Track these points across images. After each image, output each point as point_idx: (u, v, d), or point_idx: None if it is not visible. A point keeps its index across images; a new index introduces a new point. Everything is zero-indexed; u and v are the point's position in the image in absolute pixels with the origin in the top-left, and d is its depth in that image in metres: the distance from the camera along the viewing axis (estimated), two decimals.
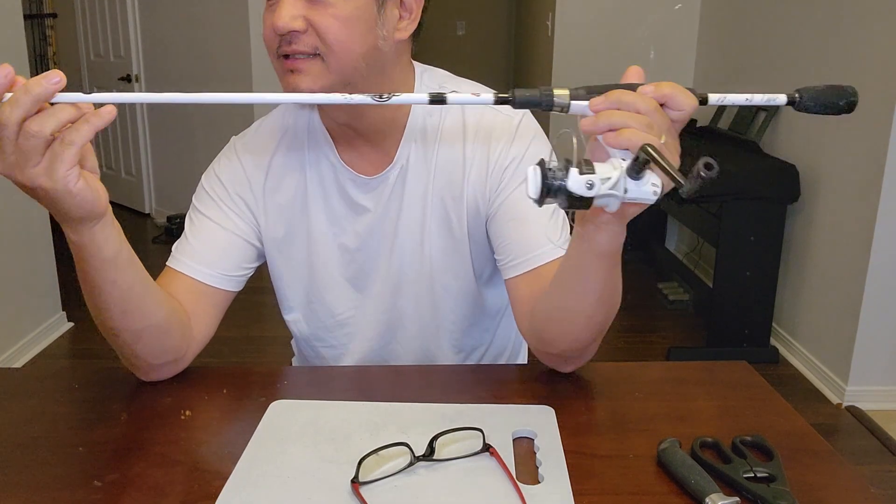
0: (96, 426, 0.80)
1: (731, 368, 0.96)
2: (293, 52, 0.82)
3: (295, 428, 0.78)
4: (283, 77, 0.84)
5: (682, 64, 3.88)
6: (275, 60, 0.84)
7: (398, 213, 0.96)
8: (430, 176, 0.94)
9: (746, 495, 0.67)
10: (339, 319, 1.03)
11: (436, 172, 0.94)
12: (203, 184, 1.00)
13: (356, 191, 0.96)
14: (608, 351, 2.96)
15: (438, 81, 0.96)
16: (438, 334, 1.03)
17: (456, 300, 1.00)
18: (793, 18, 2.90)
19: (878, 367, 2.48)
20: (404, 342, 1.03)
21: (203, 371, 0.94)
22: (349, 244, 0.99)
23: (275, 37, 0.82)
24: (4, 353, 2.64)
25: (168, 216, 4.44)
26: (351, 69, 0.84)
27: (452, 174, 0.94)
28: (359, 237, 0.98)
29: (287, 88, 0.84)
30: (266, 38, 0.84)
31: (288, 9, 0.80)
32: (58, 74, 0.61)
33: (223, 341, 2.90)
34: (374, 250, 0.98)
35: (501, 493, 0.67)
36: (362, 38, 0.83)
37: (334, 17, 0.80)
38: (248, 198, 0.98)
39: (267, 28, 0.83)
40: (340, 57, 0.82)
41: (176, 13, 4.24)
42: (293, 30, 0.80)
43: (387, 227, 0.97)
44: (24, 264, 2.78)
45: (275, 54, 0.84)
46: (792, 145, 2.90)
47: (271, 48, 0.84)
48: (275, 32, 0.81)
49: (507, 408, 0.82)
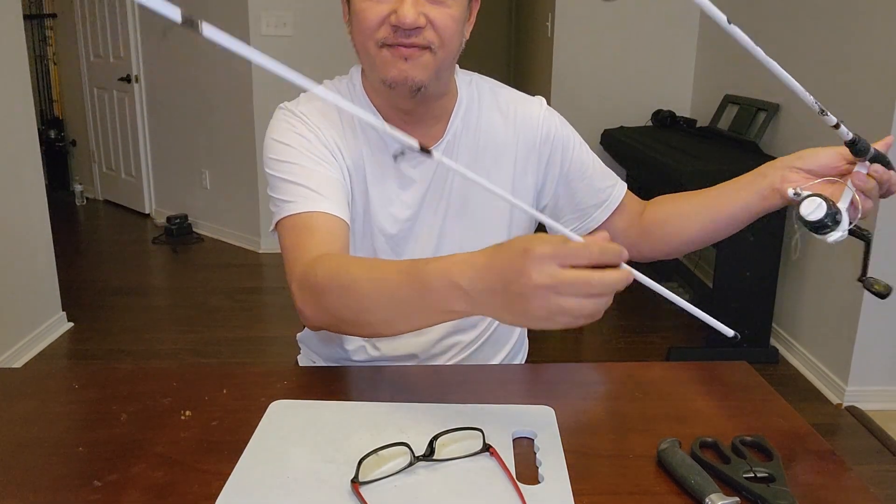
0: (96, 426, 0.80)
1: (731, 368, 0.96)
2: (410, 45, 0.90)
3: (295, 428, 0.78)
4: (392, 64, 0.91)
5: (682, 64, 3.89)
6: (373, 46, 0.91)
7: (442, 185, 1.03)
8: (475, 149, 1.04)
9: (746, 495, 0.67)
10: None
11: (479, 147, 1.04)
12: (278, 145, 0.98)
13: (406, 164, 1.02)
14: (608, 351, 2.96)
15: (489, 86, 1.08)
16: None
17: None
18: (793, 19, 2.90)
19: (878, 367, 2.48)
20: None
21: (203, 371, 0.94)
22: (399, 214, 1.03)
23: (380, 26, 0.89)
24: (4, 353, 2.64)
25: (168, 216, 4.44)
26: (447, 64, 0.95)
27: (495, 149, 1.05)
28: (408, 207, 1.03)
29: (396, 76, 0.91)
30: (369, 25, 0.90)
31: (415, 6, 0.88)
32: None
33: (223, 341, 2.92)
34: (421, 219, 1.04)
35: (501, 493, 0.67)
36: (460, 37, 0.95)
37: (450, 17, 0.90)
38: (332, 148, 0.99)
39: (373, 17, 0.89)
40: (447, 53, 0.93)
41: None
42: (419, 25, 0.88)
43: (433, 198, 1.03)
44: (24, 264, 2.78)
45: (376, 41, 0.91)
46: (792, 145, 2.90)
47: (372, 35, 0.90)
48: (388, 23, 0.88)
49: (507, 408, 0.82)
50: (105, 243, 4.40)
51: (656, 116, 3.79)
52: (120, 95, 4.73)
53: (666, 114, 3.71)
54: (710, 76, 3.71)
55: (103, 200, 5.28)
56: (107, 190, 5.22)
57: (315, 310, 0.84)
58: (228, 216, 4.33)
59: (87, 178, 5.34)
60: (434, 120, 1.03)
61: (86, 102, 5.10)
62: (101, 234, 4.69)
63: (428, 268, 0.71)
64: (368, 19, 0.90)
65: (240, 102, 4.00)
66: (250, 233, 4.22)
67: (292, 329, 1.22)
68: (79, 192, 5.22)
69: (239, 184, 4.17)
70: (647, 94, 3.89)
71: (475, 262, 0.68)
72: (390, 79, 0.92)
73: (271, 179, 0.97)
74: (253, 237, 4.21)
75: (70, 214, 4.98)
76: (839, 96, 2.58)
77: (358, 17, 0.91)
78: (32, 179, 2.84)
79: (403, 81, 0.91)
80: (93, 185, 5.31)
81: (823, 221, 0.75)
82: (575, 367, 0.99)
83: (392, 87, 0.93)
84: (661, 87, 3.92)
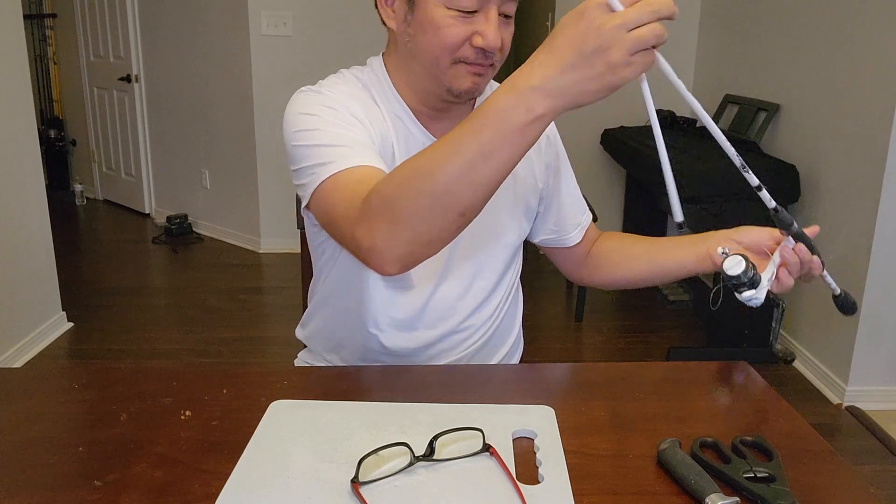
0: (96, 426, 0.80)
1: (731, 368, 0.96)
2: (487, 62, 0.94)
3: (295, 428, 0.78)
4: (466, 78, 0.95)
5: (683, 64, 3.88)
6: (448, 61, 0.94)
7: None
8: None
9: (746, 495, 0.67)
10: None
11: None
12: (304, 117, 0.95)
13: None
14: (608, 351, 2.96)
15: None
16: (472, 289, 1.09)
17: (495, 262, 1.11)
18: (793, 19, 2.90)
19: (878, 367, 2.48)
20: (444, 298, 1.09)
21: (203, 371, 0.94)
22: None
23: (461, 45, 0.92)
24: (4, 353, 2.64)
25: (168, 216, 4.44)
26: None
27: None
28: None
29: (469, 88, 0.96)
30: (451, 43, 0.93)
31: (499, 31, 0.93)
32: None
33: (223, 341, 2.92)
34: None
35: (501, 493, 0.67)
36: None
37: (511, 35, 0.96)
38: (360, 118, 0.97)
39: (456, 36, 0.92)
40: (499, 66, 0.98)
41: (176, 13, 4.24)
42: (499, 48, 0.94)
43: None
44: (24, 264, 2.78)
45: (453, 58, 0.94)
46: (792, 145, 2.90)
47: (451, 52, 0.93)
48: (469, 43, 0.92)
49: (507, 408, 0.82)
50: (105, 243, 4.40)
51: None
52: (120, 95, 4.73)
53: (666, 114, 3.71)
54: (710, 76, 3.71)
55: (103, 200, 5.28)
56: (107, 190, 5.22)
57: (390, 228, 0.76)
58: (228, 216, 4.33)
59: (87, 177, 5.33)
60: (463, 114, 1.03)
61: (86, 102, 5.10)
62: (101, 233, 4.69)
63: (490, 99, 0.70)
64: (451, 36, 0.92)
65: (240, 102, 4.00)
66: (250, 233, 4.22)
67: (292, 329, 1.22)
68: (79, 192, 5.22)
69: (239, 184, 4.17)
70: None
71: (534, 59, 0.69)
72: (461, 90, 0.96)
73: (299, 151, 0.93)
74: (253, 237, 4.21)
75: (70, 214, 4.98)
76: (839, 96, 2.58)
77: (437, 33, 0.92)
78: (32, 179, 2.84)
79: (471, 94, 0.97)
80: (93, 185, 5.31)
81: (740, 279, 0.81)
82: (575, 367, 0.99)
83: (458, 96, 0.97)
84: (661, 87, 3.90)
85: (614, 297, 3.49)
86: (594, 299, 3.37)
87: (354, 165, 0.88)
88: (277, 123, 3.43)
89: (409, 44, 0.96)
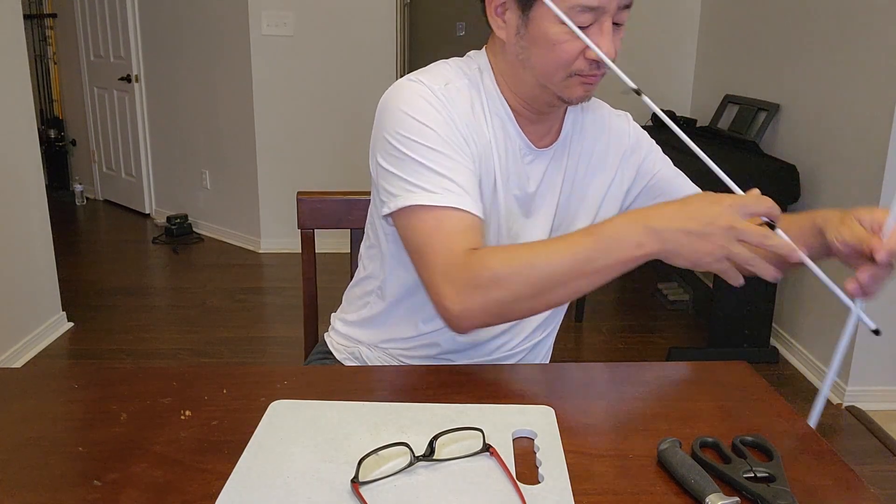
0: (96, 426, 0.80)
1: (731, 368, 0.96)
2: (599, 73, 0.95)
3: (295, 428, 0.78)
4: (579, 88, 0.96)
5: (682, 64, 3.89)
6: (563, 74, 0.95)
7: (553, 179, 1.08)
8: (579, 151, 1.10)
9: (746, 495, 0.67)
10: None
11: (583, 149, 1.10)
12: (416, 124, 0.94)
13: (529, 156, 1.05)
14: (608, 351, 2.96)
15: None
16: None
17: None
18: (793, 19, 2.90)
19: (878, 367, 2.48)
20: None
21: (203, 371, 0.94)
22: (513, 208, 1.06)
23: (576, 59, 0.93)
24: (4, 353, 2.64)
25: (168, 216, 4.44)
26: None
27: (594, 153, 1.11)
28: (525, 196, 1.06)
29: (581, 96, 0.98)
30: (568, 59, 0.93)
31: (615, 43, 0.94)
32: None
33: (223, 341, 2.92)
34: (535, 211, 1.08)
35: (501, 493, 0.67)
36: None
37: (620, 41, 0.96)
38: (465, 135, 0.98)
39: (572, 51, 0.92)
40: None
41: (176, 13, 4.25)
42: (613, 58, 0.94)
43: (547, 190, 1.08)
44: (24, 264, 2.78)
45: (568, 72, 0.94)
46: (792, 145, 2.90)
47: (567, 66, 0.94)
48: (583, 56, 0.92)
49: (507, 408, 0.82)
50: (105, 243, 4.40)
51: (656, 116, 3.78)
52: (120, 95, 4.73)
53: (666, 114, 3.71)
54: (710, 76, 3.71)
55: (103, 200, 5.28)
56: (107, 190, 5.22)
57: (486, 304, 0.85)
58: (228, 216, 4.33)
59: (87, 177, 5.33)
60: (557, 119, 1.07)
61: (86, 102, 5.10)
62: (102, 234, 4.69)
63: (614, 222, 0.82)
64: (567, 53, 0.93)
65: (240, 102, 4.00)
66: (250, 233, 4.23)
67: (292, 329, 1.22)
68: (79, 192, 5.22)
69: (239, 184, 4.18)
70: (647, 93, 3.88)
71: (666, 209, 0.80)
72: (574, 99, 0.98)
73: (398, 156, 0.93)
74: (253, 237, 4.21)
75: (70, 214, 4.98)
76: (839, 96, 2.58)
77: (553, 49, 0.93)
78: (32, 179, 2.84)
79: (583, 100, 1.00)
80: (93, 185, 5.31)
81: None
82: (575, 367, 0.99)
83: (569, 102, 0.99)
84: (661, 87, 3.92)
85: (614, 297, 3.49)
86: (594, 299, 3.37)
87: (458, 207, 0.90)
88: (278, 123, 3.46)
89: (521, 55, 0.97)
